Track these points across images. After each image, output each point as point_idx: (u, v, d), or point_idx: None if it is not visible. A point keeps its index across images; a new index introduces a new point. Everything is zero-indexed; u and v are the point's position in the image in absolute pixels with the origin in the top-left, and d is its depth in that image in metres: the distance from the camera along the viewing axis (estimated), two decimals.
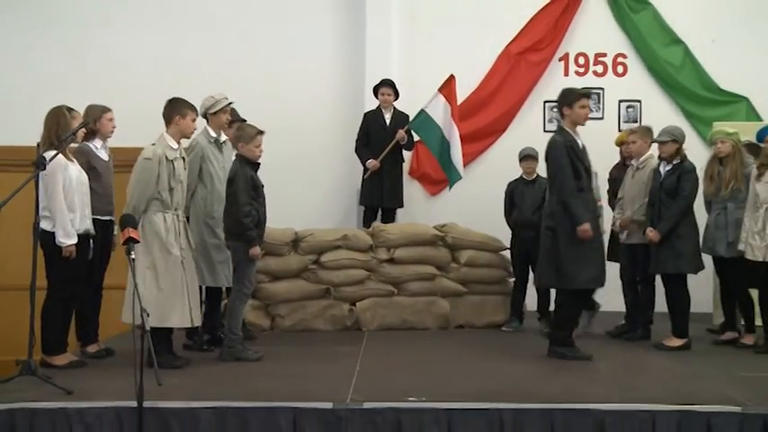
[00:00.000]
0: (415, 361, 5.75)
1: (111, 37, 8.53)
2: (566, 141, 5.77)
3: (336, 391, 4.52)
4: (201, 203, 5.99)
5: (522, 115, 8.88)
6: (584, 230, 5.57)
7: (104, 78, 8.07)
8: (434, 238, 7.41)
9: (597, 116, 8.74)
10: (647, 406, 4.34)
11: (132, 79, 8.06)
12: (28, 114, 5.79)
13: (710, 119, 8.37)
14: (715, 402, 4.40)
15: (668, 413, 4.29)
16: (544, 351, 6.13)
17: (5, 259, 6.28)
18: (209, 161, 5.96)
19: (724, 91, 8.76)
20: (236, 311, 5.72)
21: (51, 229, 5.21)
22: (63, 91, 5.93)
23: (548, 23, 8.82)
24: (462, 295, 7.37)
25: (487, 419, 4.25)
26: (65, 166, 5.29)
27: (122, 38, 8.54)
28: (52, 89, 6.20)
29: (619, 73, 8.97)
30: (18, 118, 6.48)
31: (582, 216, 5.61)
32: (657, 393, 4.61)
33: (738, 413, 4.29)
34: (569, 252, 5.65)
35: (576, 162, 5.74)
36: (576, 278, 5.67)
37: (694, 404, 4.36)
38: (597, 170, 6.83)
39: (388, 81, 7.99)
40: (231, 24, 8.66)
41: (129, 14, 8.61)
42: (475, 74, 8.75)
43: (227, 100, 6.17)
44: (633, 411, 4.31)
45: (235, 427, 4.25)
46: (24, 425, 4.21)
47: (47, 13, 8.57)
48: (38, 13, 8.57)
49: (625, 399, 4.45)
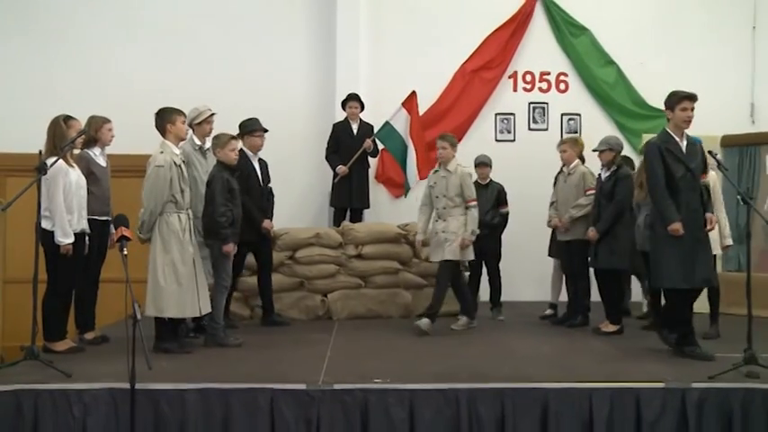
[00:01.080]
0: (380, 346, 5.75)
1: (110, 56, 8.44)
2: (661, 143, 5.27)
3: (309, 374, 4.50)
4: None
5: (476, 126, 8.89)
6: (674, 230, 5.08)
7: (105, 92, 7.94)
8: (398, 236, 7.42)
9: (542, 127, 8.86)
10: (584, 384, 4.37)
11: (130, 93, 7.94)
12: (33, 124, 5.71)
13: (640, 131, 8.51)
14: (642, 379, 4.46)
15: (603, 390, 4.32)
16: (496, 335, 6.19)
17: (11, 255, 6.19)
18: (194, 166, 5.91)
19: (651, 106, 8.82)
20: (217, 302, 5.69)
21: (51, 228, 5.16)
22: (67, 104, 5.86)
23: (499, 45, 8.86)
24: (422, 287, 7.37)
25: (445, 398, 4.25)
26: (66, 171, 5.23)
27: (120, 57, 8.44)
28: (56, 102, 6.11)
29: (561, 89, 9.02)
30: (24, 128, 6.37)
31: (670, 215, 5.11)
32: (594, 373, 4.64)
33: (661, 388, 4.35)
34: (662, 251, 5.23)
35: (674, 164, 5.19)
36: (667, 277, 5.22)
37: (625, 381, 4.41)
38: (543, 176, 6.92)
39: (355, 95, 7.98)
40: (217, 45, 8.60)
41: (127, 37, 8.51)
42: (434, 89, 8.77)
43: (210, 111, 6.13)
44: (573, 389, 4.33)
45: (218, 406, 4.22)
46: (29, 405, 4.16)
47: (54, 35, 8.47)
48: (46, 35, 8.45)
49: (566, 378, 4.48)
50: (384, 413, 4.21)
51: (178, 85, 7.72)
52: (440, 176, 6.39)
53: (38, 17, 8.50)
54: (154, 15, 8.59)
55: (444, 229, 6.27)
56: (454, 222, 6.26)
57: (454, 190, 6.28)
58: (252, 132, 6.52)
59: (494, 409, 4.24)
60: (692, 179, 5.21)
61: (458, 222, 6.26)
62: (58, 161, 5.09)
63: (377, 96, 8.39)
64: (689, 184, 5.20)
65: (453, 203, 6.29)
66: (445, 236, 6.25)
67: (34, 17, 8.50)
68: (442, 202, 6.33)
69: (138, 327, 4.02)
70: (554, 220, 6.73)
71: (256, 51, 8.66)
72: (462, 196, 6.29)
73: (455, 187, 6.28)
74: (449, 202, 6.29)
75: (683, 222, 5.11)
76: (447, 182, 6.31)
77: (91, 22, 8.53)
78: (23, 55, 8.47)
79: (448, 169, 6.34)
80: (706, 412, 4.29)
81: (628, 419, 4.28)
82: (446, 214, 6.31)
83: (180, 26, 8.59)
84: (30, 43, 8.48)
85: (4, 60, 8.45)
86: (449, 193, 6.29)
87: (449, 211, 6.30)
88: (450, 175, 6.31)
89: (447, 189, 6.30)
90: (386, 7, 8.81)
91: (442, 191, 6.33)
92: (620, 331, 6.21)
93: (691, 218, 5.16)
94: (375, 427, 4.20)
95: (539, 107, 8.99)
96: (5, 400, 4.17)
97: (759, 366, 4.53)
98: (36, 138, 5.42)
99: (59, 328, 5.40)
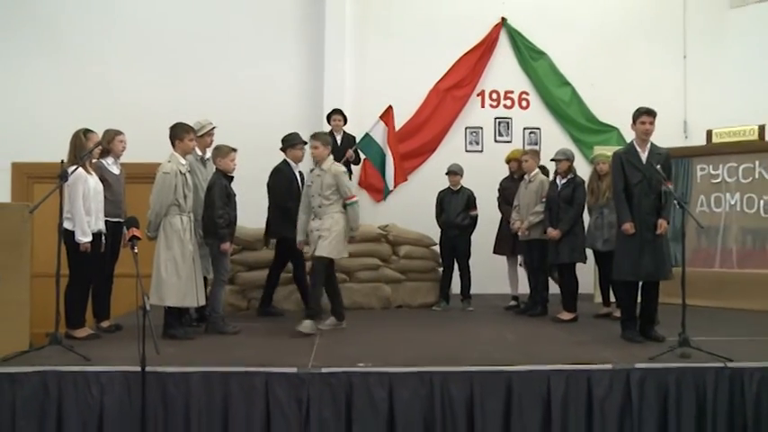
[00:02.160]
0: (363, 334, 5.74)
1: (125, 77, 8.41)
2: (623, 154, 5.35)
3: (300, 359, 4.50)
4: None
5: (449, 138, 8.96)
6: (625, 229, 5.20)
7: (118, 107, 7.90)
8: (379, 236, 7.43)
9: (507, 140, 8.94)
10: (543, 367, 4.41)
11: (141, 109, 7.94)
12: (57, 137, 5.72)
13: (591, 143, 8.61)
14: (593, 362, 4.50)
15: (559, 371, 4.36)
16: (466, 324, 6.19)
17: (37, 252, 6.18)
18: (196, 174, 5.88)
19: (600, 122, 8.99)
20: (217, 295, 5.71)
21: (72, 228, 5.17)
22: (86, 118, 5.86)
23: (468, 67, 8.93)
24: (401, 282, 7.40)
25: (420, 380, 4.27)
26: (85, 179, 5.25)
27: (134, 77, 8.41)
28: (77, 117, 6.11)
29: (523, 106, 9.10)
30: (48, 140, 6.38)
31: (623, 217, 5.22)
32: (552, 356, 4.67)
33: (610, 369, 4.40)
34: (618, 247, 5.38)
35: (632, 172, 5.24)
36: (617, 270, 5.36)
37: (578, 364, 4.46)
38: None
39: (338, 110, 7.99)
40: (217, 66, 8.60)
41: (141, 60, 8.49)
42: (411, 105, 8.83)
43: (211, 124, 6.13)
44: (533, 371, 4.37)
45: (219, 387, 4.21)
46: (54, 384, 4.18)
47: (76, 58, 8.45)
48: (69, 58, 8.43)
49: (527, 361, 4.50)
50: (366, 393, 4.23)
51: (184, 101, 7.70)
52: (315, 175, 5.83)
53: (62, 42, 8.46)
54: (163, 41, 8.56)
55: (319, 227, 5.70)
56: (328, 220, 5.67)
57: (328, 188, 5.72)
58: (294, 145, 6.55)
59: (464, 390, 4.27)
60: (648, 186, 5.23)
61: (332, 220, 5.68)
62: (78, 169, 5.12)
63: (360, 111, 8.41)
64: (643, 190, 5.23)
65: (329, 201, 5.71)
66: (319, 233, 5.68)
67: (59, 42, 8.46)
68: (318, 200, 5.75)
69: (147, 317, 4.03)
70: (516, 224, 6.79)
71: (253, 72, 8.66)
72: (339, 193, 5.75)
73: (329, 185, 5.71)
74: (324, 200, 5.71)
75: (635, 223, 5.19)
76: (321, 180, 5.74)
77: (109, 47, 8.50)
78: (49, 75, 8.43)
79: (322, 168, 5.79)
80: (647, 388, 4.36)
81: (581, 397, 4.32)
82: (321, 212, 5.73)
83: (186, 50, 8.59)
84: (54, 65, 8.44)
85: (32, 80, 8.41)
86: (323, 192, 5.72)
87: (324, 209, 5.72)
88: (324, 174, 5.75)
89: (321, 187, 5.73)
90: (369, 33, 8.84)
91: (318, 189, 5.76)
92: (576, 319, 6.28)
93: (642, 220, 5.21)
94: (358, 406, 4.21)
95: (503, 122, 9.09)
96: (34, 380, 4.19)
97: (691, 348, 4.62)
98: (59, 148, 5.42)
99: (79, 316, 5.43)
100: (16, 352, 4.52)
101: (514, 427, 4.26)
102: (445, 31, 8.87)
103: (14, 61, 8.39)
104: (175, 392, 4.20)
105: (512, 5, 9.03)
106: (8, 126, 8.24)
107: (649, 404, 4.35)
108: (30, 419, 4.14)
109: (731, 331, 5.87)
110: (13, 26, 8.37)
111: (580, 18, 9.05)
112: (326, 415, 4.19)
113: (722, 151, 7.74)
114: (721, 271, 7.58)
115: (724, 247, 7.64)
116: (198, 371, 4.27)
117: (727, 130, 7.98)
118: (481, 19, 8.97)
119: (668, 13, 9.17)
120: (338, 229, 5.70)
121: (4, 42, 8.37)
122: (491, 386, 4.30)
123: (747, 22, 8.96)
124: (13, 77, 8.42)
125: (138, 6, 8.54)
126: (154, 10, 8.57)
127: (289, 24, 8.79)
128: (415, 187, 8.63)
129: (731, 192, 7.63)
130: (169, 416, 4.19)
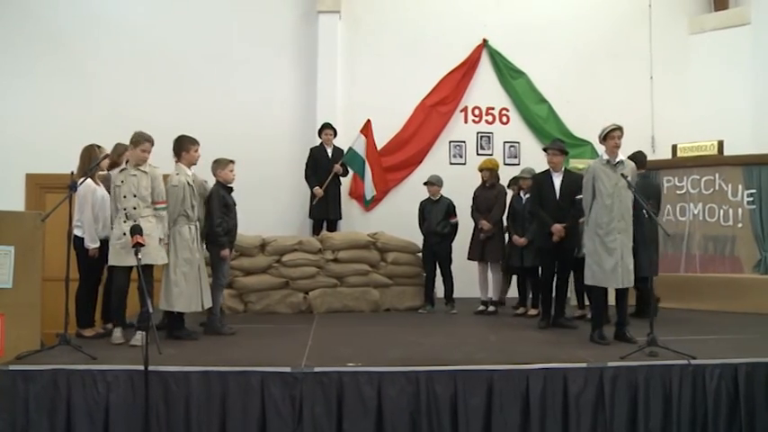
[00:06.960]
0: (353, 336, 5.74)
1: (131, 94, 8.38)
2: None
3: (293, 359, 4.49)
4: None
5: (434, 151, 8.97)
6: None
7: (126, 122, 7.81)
8: (368, 242, 7.43)
9: (488, 153, 8.97)
10: (522, 366, 4.42)
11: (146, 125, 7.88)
12: (67, 150, 5.74)
13: (567, 156, 8.68)
14: (569, 361, 4.54)
15: (537, 370, 4.39)
16: (450, 326, 6.19)
17: (49, 257, 6.15)
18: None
19: (575, 136, 9.04)
20: (216, 298, 5.69)
21: (81, 235, 5.18)
22: (94, 133, 5.90)
23: (452, 84, 8.96)
24: (389, 286, 7.41)
25: (407, 379, 4.27)
26: (94, 189, 5.27)
27: (139, 95, 8.39)
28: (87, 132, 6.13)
29: (504, 122, 9.14)
30: (60, 153, 6.36)
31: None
32: (530, 357, 4.66)
33: (584, 367, 4.44)
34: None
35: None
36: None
37: (555, 363, 4.48)
38: None
39: (329, 124, 8.05)
40: (217, 84, 8.60)
41: (146, 79, 8.48)
42: (398, 120, 8.84)
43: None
44: (513, 370, 4.39)
45: (217, 386, 4.21)
46: (63, 382, 4.18)
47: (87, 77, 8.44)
48: (81, 77, 8.43)
49: (507, 361, 4.51)
50: (356, 391, 4.23)
51: (187, 117, 7.68)
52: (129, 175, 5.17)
53: (75, 66, 8.44)
54: (168, 61, 8.55)
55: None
56: (146, 224, 4.98)
57: (144, 190, 5.15)
58: None
59: (448, 388, 4.28)
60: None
61: (150, 224, 5.07)
62: (87, 180, 5.13)
63: (350, 125, 8.42)
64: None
65: (145, 203, 5.14)
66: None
67: (72, 66, 8.44)
68: (132, 201, 5.11)
69: (150, 319, 4.05)
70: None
71: (251, 89, 8.66)
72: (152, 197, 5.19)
73: (145, 188, 5.15)
74: (140, 201, 5.12)
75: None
76: (138, 181, 5.15)
77: (117, 67, 8.48)
78: (61, 93, 8.40)
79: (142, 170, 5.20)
80: (618, 385, 4.41)
81: (557, 393, 4.35)
82: (136, 215, 5.07)
83: (189, 70, 8.58)
84: (67, 86, 8.42)
85: (44, 98, 8.39)
86: (140, 193, 5.13)
87: (140, 212, 5.09)
88: (143, 175, 5.18)
89: (138, 188, 5.13)
90: (359, 53, 8.87)
91: (132, 190, 5.13)
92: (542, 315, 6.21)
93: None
94: (349, 404, 4.22)
95: (485, 136, 9.14)
96: (45, 378, 4.19)
97: (658, 347, 4.68)
98: (69, 161, 5.44)
99: (88, 317, 5.45)
100: (29, 351, 4.51)
101: (496, 421, 4.28)
102: (431, 51, 8.92)
103: (31, 83, 8.40)
104: (176, 390, 4.20)
105: (493, 28, 9.10)
106: (23, 140, 8.23)
107: (621, 399, 4.40)
108: (41, 413, 4.14)
109: (695, 330, 5.95)
110: (35, 54, 8.40)
111: (556, 41, 9.14)
112: (319, 411, 4.19)
113: (686, 164, 7.90)
114: (686, 275, 7.71)
115: (688, 253, 7.77)
116: (197, 370, 4.26)
117: (690, 145, 8.16)
118: (464, 40, 9.03)
119: (635, 39, 9.32)
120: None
121: (24, 66, 8.41)
122: (473, 384, 4.31)
123: (706, 48, 9.24)
124: (29, 97, 8.40)
125: (146, 32, 8.56)
126: (160, 35, 8.57)
127: (285, 45, 8.80)
128: (402, 197, 8.65)
129: (694, 202, 7.77)
130: (171, 412, 4.18)
